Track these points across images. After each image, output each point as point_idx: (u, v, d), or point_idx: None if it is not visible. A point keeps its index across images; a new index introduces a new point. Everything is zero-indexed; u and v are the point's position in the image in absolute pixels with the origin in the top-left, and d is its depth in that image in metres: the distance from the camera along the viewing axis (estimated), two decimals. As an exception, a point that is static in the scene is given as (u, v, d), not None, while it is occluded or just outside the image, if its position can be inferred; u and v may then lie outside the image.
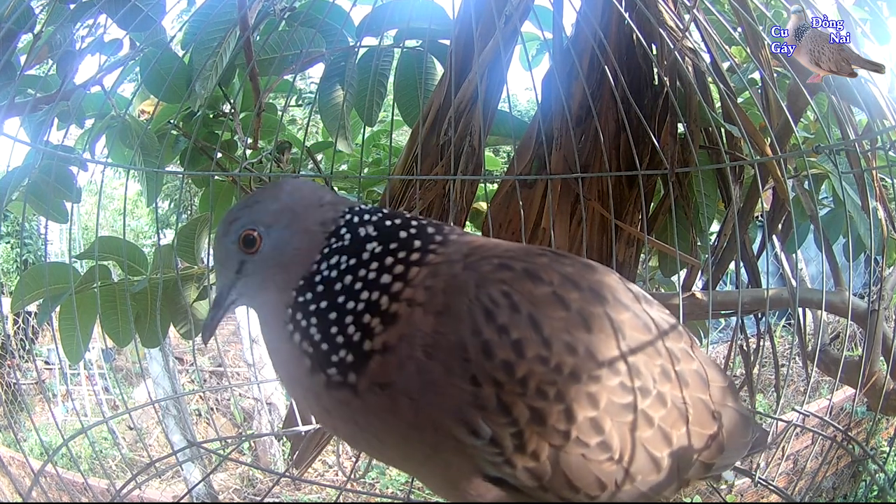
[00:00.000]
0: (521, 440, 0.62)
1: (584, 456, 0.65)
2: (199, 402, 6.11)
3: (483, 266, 0.66)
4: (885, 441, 3.65)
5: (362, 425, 0.67)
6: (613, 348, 0.66)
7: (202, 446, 1.42)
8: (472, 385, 0.61)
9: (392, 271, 0.66)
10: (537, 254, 0.72)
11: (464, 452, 0.64)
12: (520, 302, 0.63)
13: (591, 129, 1.41)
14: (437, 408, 0.62)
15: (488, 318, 0.62)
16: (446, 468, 0.67)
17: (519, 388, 0.61)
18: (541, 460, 0.64)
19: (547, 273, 0.67)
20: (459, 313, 0.63)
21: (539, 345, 0.62)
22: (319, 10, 1.47)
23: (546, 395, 0.62)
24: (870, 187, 1.31)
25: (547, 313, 0.64)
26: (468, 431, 0.62)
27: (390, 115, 1.59)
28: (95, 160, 1.43)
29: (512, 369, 0.61)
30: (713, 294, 1.44)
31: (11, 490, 3.59)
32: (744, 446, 0.81)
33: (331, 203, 0.72)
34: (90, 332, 1.42)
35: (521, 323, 0.63)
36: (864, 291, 2.71)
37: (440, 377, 0.62)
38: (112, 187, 6.64)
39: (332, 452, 5.18)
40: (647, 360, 0.69)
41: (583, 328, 0.65)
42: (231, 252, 0.71)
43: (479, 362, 0.61)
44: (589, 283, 0.69)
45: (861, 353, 1.42)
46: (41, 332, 5.91)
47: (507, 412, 0.62)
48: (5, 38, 1.23)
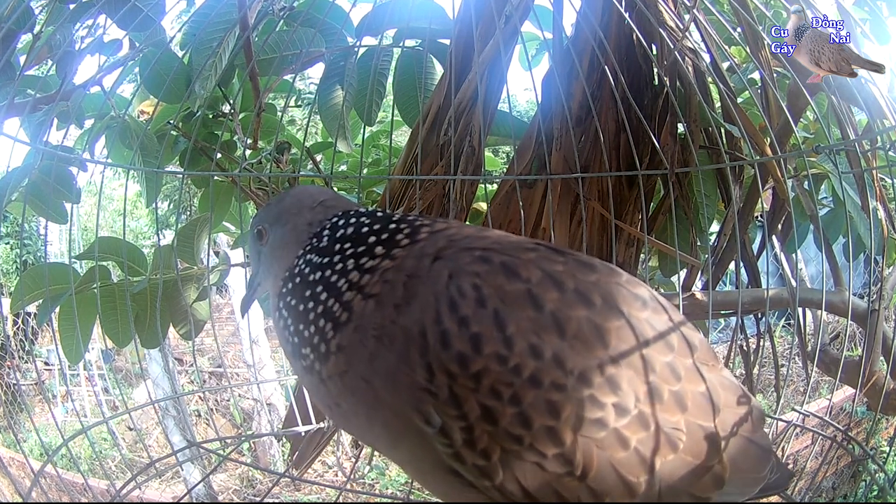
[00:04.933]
0: (470, 435, 0.61)
1: (539, 466, 0.61)
2: (199, 402, 6.11)
3: (462, 257, 0.66)
4: (885, 441, 3.65)
5: (335, 410, 0.72)
6: (588, 357, 0.62)
7: (202, 447, 1.42)
8: (427, 372, 0.61)
9: (348, 276, 0.69)
10: (527, 248, 0.69)
11: (425, 441, 0.64)
12: (488, 296, 0.62)
13: (591, 130, 1.41)
14: (392, 393, 0.64)
15: (452, 309, 0.62)
16: (412, 456, 0.69)
17: (472, 383, 0.60)
18: (491, 461, 0.62)
19: (527, 269, 0.64)
20: (424, 303, 0.63)
21: (499, 343, 0.60)
22: (319, 9, 1.47)
23: (500, 396, 0.60)
24: (870, 187, 1.31)
25: (515, 311, 0.61)
26: (421, 418, 0.63)
27: (390, 115, 1.59)
28: (95, 160, 1.43)
29: (466, 363, 0.60)
30: (713, 294, 1.44)
31: (11, 490, 3.59)
32: (753, 482, 0.73)
33: (324, 205, 0.78)
34: (90, 333, 1.42)
35: (484, 317, 0.61)
36: (864, 291, 2.71)
37: (393, 364, 0.63)
38: (111, 188, 6.64)
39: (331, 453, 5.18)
40: (633, 376, 0.63)
41: (554, 332, 0.61)
42: (253, 244, 0.83)
43: (435, 350, 0.61)
44: (577, 285, 0.65)
45: (861, 353, 1.42)
46: (41, 332, 5.91)
47: (458, 405, 0.61)
48: (5, 39, 1.23)
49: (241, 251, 1.57)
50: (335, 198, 0.81)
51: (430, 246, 0.69)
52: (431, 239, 0.70)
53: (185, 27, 1.44)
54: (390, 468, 5.18)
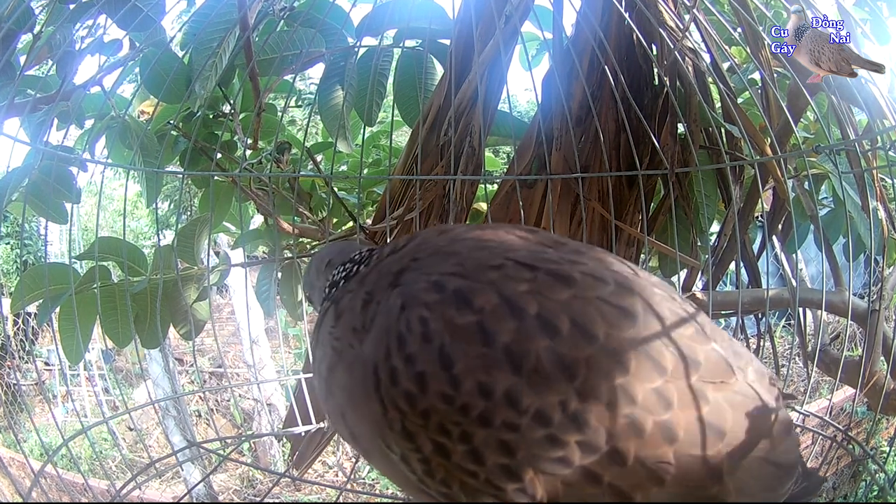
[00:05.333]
0: (428, 466, 0.60)
1: (497, 498, 0.59)
2: (199, 402, 6.11)
3: (417, 284, 0.63)
4: (885, 441, 3.65)
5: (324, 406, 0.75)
6: (548, 394, 0.56)
7: (202, 447, 1.42)
8: (381, 406, 0.60)
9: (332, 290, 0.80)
10: (492, 266, 0.62)
11: (392, 463, 0.63)
12: (435, 331, 0.58)
13: (591, 130, 1.41)
14: (359, 419, 0.64)
15: (400, 345, 0.59)
16: (385, 471, 0.68)
17: (420, 420, 0.58)
18: (452, 490, 0.60)
19: (482, 297, 0.59)
20: (378, 337, 0.62)
21: (444, 382, 0.57)
22: (319, 9, 1.47)
23: (449, 434, 0.57)
24: (870, 187, 1.31)
25: (463, 348, 0.57)
26: (385, 445, 0.62)
27: (390, 115, 1.58)
28: (95, 161, 1.43)
29: (414, 401, 0.58)
30: (713, 294, 1.44)
31: (12, 490, 3.59)
32: (764, 500, 0.66)
33: (330, 265, 0.86)
34: (90, 333, 1.42)
35: (430, 355, 0.58)
36: (864, 291, 2.71)
37: (358, 392, 0.63)
38: (112, 188, 6.63)
39: (332, 453, 5.18)
40: (602, 411, 0.57)
41: (508, 368, 0.56)
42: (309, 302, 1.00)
43: (386, 386, 0.59)
44: (540, 309, 0.58)
45: (861, 353, 1.42)
46: (41, 332, 5.91)
47: (411, 439, 0.59)
48: (5, 39, 1.23)
49: (241, 251, 1.57)
50: (339, 253, 0.88)
51: (396, 263, 0.68)
52: (397, 255, 0.71)
53: (186, 27, 1.43)
54: (390, 468, 5.17)
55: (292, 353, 6.36)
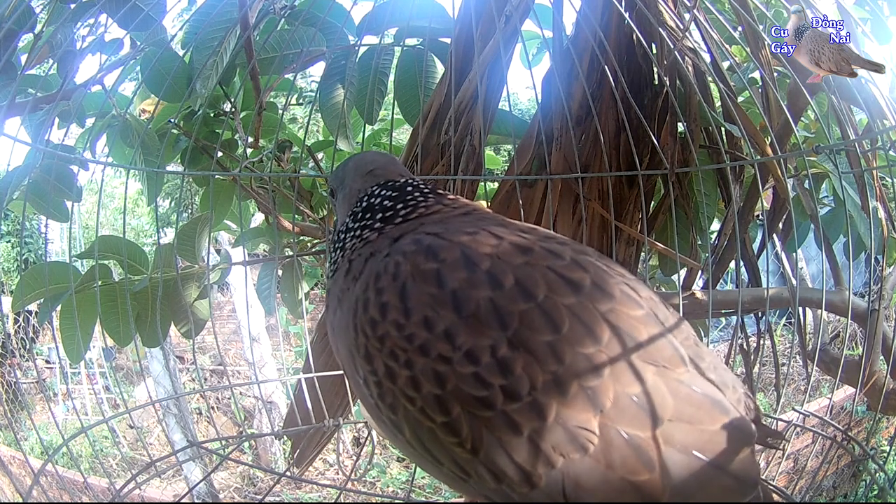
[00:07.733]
0: (381, 389, 0.68)
1: (432, 430, 0.65)
2: (200, 401, 6.11)
3: (405, 240, 0.74)
4: (885, 441, 3.65)
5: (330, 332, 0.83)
6: (481, 337, 0.62)
7: (202, 446, 1.42)
8: (354, 332, 0.71)
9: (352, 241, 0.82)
10: (467, 232, 0.71)
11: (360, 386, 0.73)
12: (402, 272, 0.69)
13: (591, 129, 1.41)
14: (342, 346, 0.75)
15: (376, 281, 0.70)
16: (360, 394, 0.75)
17: (378, 344, 0.68)
18: (398, 415, 0.68)
19: (447, 252, 0.69)
20: (366, 276, 0.73)
21: (399, 312, 0.66)
22: (320, 8, 1.48)
23: (397, 358, 0.66)
24: (870, 187, 1.31)
25: (418, 286, 0.67)
26: (354, 368, 0.72)
27: (391, 113, 1.59)
28: (96, 159, 1.43)
29: (375, 326, 0.68)
30: (713, 293, 1.45)
31: (12, 489, 3.59)
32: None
33: (372, 174, 0.89)
34: (91, 332, 1.42)
35: (393, 289, 0.68)
36: (864, 291, 2.71)
37: (342, 322, 0.74)
38: (112, 186, 6.65)
39: (332, 451, 5.19)
40: (529, 362, 0.61)
41: (451, 308, 0.64)
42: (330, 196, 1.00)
43: (358, 314, 0.70)
44: (492, 267, 0.66)
45: (861, 353, 1.42)
46: (42, 331, 5.91)
47: (370, 362, 0.69)
48: (6, 38, 1.23)
49: (241, 249, 1.57)
50: (384, 166, 0.91)
51: (405, 229, 0.78)
52: (411, 223, 0.79)
53: (186, 26, 1.44)
54: (391, 466, 5.18)
55: (293, 351, 6.38)
